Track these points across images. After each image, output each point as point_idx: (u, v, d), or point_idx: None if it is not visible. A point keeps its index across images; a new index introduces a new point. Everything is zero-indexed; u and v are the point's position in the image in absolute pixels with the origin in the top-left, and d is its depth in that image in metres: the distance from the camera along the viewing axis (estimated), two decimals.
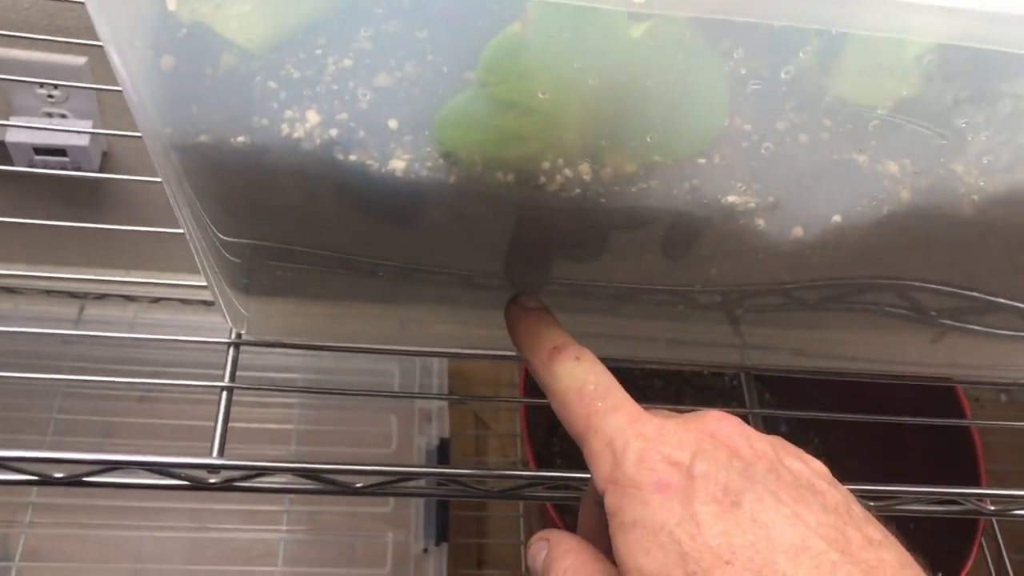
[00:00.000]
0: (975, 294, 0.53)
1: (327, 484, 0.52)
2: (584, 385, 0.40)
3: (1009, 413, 1.40)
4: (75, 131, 0.99)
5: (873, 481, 0.58)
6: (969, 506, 0.56)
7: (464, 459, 1.24)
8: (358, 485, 0.52)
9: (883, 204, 0.44)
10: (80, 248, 1.20)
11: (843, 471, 0.41)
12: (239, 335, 0.56)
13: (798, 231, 0.45)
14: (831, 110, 0.41)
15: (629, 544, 0.34)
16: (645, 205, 0.43)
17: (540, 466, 1.02)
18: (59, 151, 1.03)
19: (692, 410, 0.40)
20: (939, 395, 0.95)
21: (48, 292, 1.12)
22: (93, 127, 1.02)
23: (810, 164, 0.43)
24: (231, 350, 0.57)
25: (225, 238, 0.46)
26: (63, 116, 1.02)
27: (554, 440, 1.12)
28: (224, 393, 0.54)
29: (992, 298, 0.54)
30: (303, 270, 0.49)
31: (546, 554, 0.40)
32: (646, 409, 0.39)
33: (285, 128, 0.39)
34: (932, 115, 0.39)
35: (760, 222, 0.44)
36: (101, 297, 1.13)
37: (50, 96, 1.00)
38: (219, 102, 0.38)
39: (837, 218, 0.45)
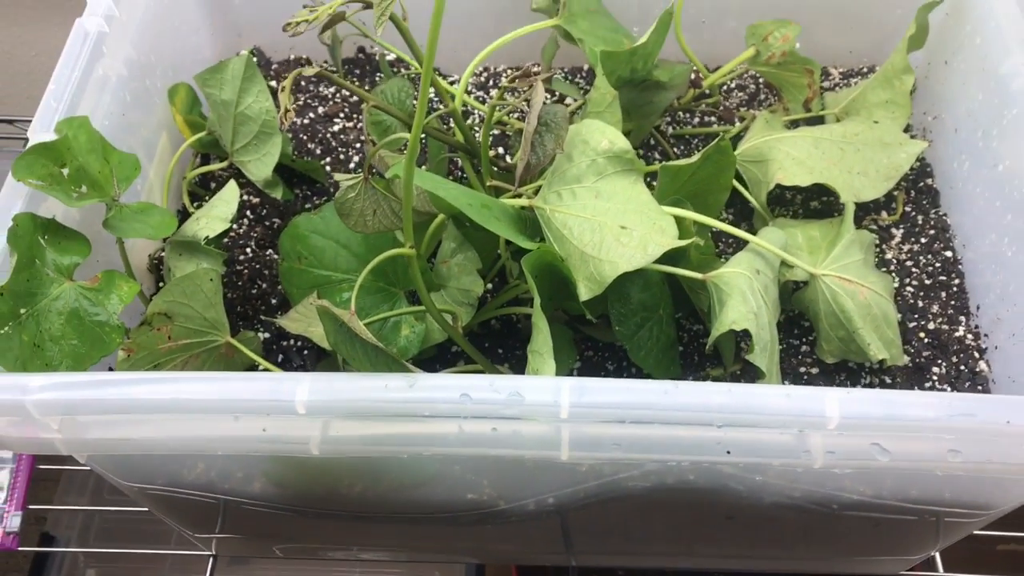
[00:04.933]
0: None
1: None
2: None
3: None
4: None
5: None
6: None
7: None
8: None
9: (581, 489, 0.66)
10: None
11: None
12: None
13: (530, 505, 0.68)
14: None
15: None
16: (414, 500, 0.67)
17: None
18: None
19: None
20: None
21: None
22: None
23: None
24: (211, 560, 0.83)
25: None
26: None
27: None
28: None
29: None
30: (240, 520, 0.76)
31: None
32: None
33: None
34: None
35: (501, 503, 0.68)
36: None
37: None
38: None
39: (551, 499, 0.67)
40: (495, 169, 0.78)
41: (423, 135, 0.78)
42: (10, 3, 1.15)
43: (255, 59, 0.93)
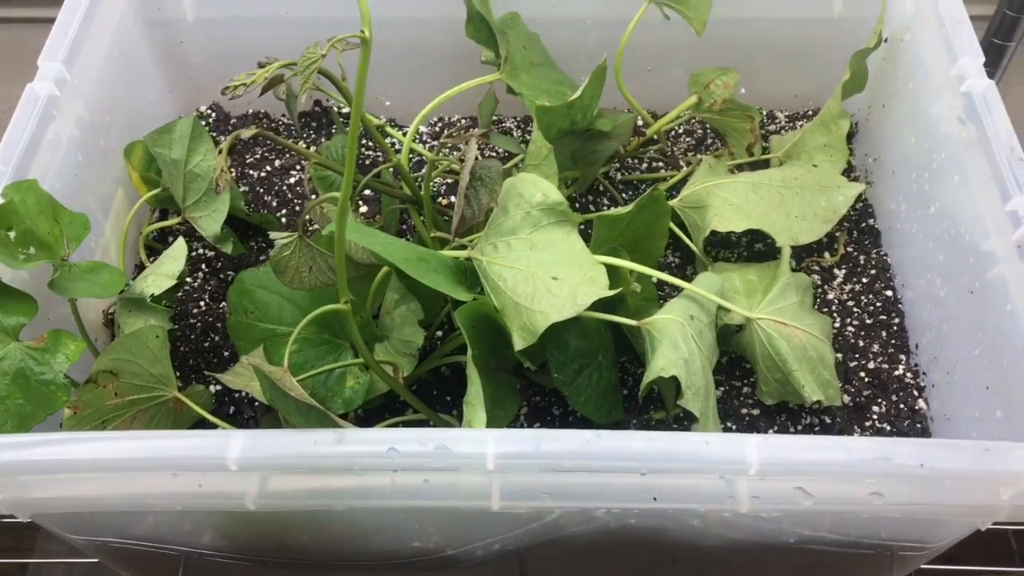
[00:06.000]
0: None
1: None
2: None
3: None
4: None
5: None
6: None
7: None
8: None
9: (525, 533, 0.67)
10: None
11: None
12: None
13: (478, 551, 0.69)
14: None
15: None
16: (361, 549, 0.68)
17: None
18: None
19: None
20: None
21: None
22: None
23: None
24: None
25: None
26: None
27: None
28: None
29: None
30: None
31: None
32: None
33: None
34: None
35: (448, 549, 0.69)
36: None
37: None
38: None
39: (497, 545, 0.68)
40: (444, 219, 0.80)
41: (375, 190, 0.80)
42: None
43: (214, 115, 0.95)
